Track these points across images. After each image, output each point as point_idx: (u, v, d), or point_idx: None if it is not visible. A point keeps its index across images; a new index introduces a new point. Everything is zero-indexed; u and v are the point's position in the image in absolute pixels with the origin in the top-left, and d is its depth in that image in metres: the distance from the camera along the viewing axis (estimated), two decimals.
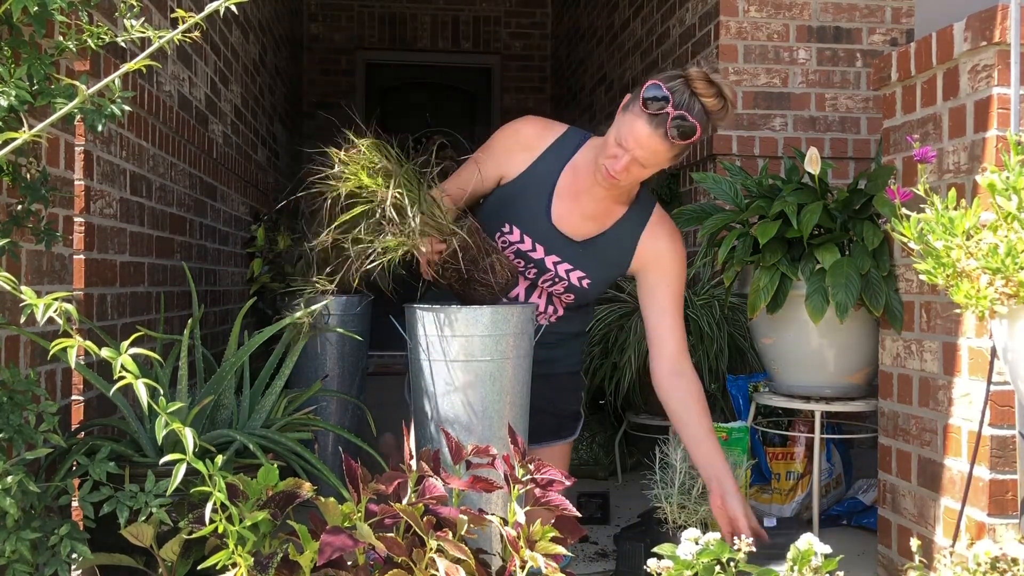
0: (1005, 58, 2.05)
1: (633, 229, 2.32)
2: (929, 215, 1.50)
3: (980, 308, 1.42)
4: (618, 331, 3.55)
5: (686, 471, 2.57)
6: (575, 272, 2.30)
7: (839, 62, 4.05)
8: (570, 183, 2.28)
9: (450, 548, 1.63)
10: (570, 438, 2.47)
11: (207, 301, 3.81)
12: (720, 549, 1.71)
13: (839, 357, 2.75)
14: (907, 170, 2.47)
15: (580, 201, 2.29)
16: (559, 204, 2.28)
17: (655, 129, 2.07)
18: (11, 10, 1.57)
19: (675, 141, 2.08)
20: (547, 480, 1.83)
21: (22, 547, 1.59)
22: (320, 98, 7.98)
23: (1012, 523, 2.06)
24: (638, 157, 2.11)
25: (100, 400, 2.49)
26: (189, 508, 1.82)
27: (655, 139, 2.08)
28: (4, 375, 1.67)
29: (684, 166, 4.36)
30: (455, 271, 2.13)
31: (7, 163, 1.70)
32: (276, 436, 2.11)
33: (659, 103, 2.05)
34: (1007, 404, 2.06)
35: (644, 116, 2.08)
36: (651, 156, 2.11)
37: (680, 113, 2.05)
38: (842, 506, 3.24)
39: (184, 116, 3.35)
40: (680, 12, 4.54)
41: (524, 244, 2.29)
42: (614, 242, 2.32)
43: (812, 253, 2.63)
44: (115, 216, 2.65)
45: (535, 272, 2.31)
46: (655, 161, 2.13)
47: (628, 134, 2.11)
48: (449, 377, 2.06)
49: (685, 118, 2.06)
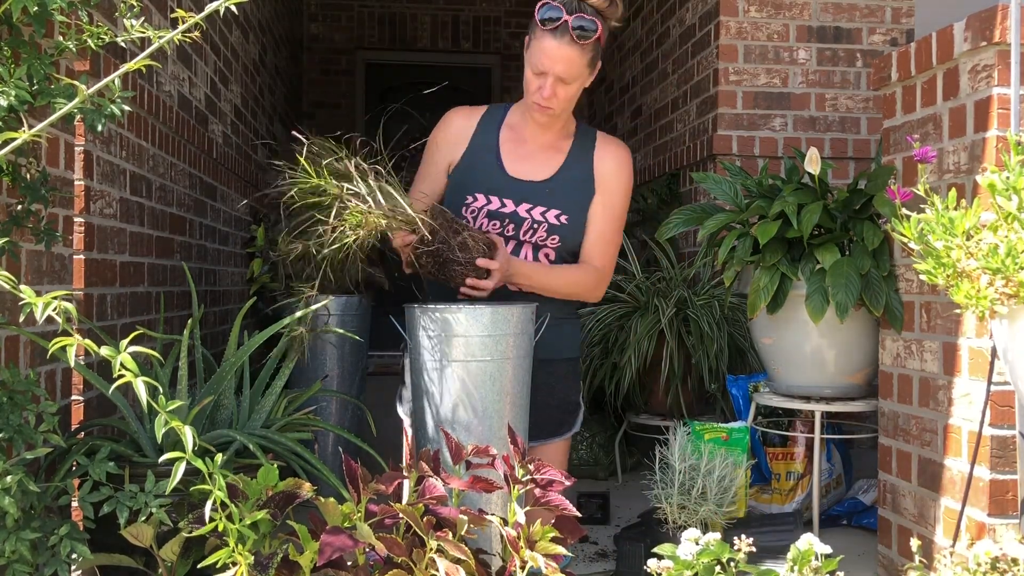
0: (1005, 58, 2.05)
1: (585, 154, 2.44)
2: (929, 215, 1.50)
3: (980, 308, 1.42)
4: (618, 331, 3.55)
5: (686, 471, 2.57)
6: (550, 212, 2.36)
7: (839, 62, 4.04)
8: (511, 136, 2.43)
9: (450, 548, 1.63)
10: (569, 433, 2.45)
11: (207, 301, 3.81)
12: (720, 549, 1.71)
13: (839, 357, 2.75)
14: (907, 170, 2.47)
15: (526, 146, 2.42)
16: (508, 156, 2.41)
17: (561, 39, 2.22)
18: (11, 10, 1.57)
19: (582, 43, 2.23)
20: (547, 480, 1.83)
21: (22, 547, 1.59)
22: (320, 98, 7.99)
23: (1012, 523, 2.06)
24: (558, 73, 2.24)
25: (100, 400, 2.49)
26: (189, 508, 1.82)
27: (564, 48, 2.22)
28: (4, 375, 1.67)
29: (684, 166, 4.36)
30: (430, 256, 2.15)
31: (7, 163, 1.70)
32: (276, 436, 2.11)
33: (554, 18, 2.22)
34: (1007, 404, 2.06)
35: (547, 35, 2.23)
36: (569, 67, 2.24)
37: (576, 16, 2.22)
38: (842, 506, 3.24)
39: (184, 116, 3.35)
40: (680, 12, 4.54)
41: (492, 204, 2.36)
42: (573, 171, 2.41)
43: (812, 253, 2.63)
44: (115, 216, 2.65)
45: (513, 227, 2.36)
46: (575, 72, 2.26)
47: (540, 57, 2.24)
48: (449, 377, 2.06)
49: (582, 18, 2.22)
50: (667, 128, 4.76)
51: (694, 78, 4.32)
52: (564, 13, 2.21)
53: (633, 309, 3.60)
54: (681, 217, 2.96)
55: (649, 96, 5.12)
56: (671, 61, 4.69)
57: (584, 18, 2.22)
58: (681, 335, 3.43)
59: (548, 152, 2.42)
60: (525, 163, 2.39)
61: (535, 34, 2.26)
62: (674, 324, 3.42)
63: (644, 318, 3.45)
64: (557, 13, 2.21)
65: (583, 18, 2.22)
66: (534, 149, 2.42)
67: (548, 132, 2.41)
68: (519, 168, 2.39)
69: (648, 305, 3.53)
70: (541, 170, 2.39)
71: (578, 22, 2.21)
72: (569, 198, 2.37)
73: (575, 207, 2.38)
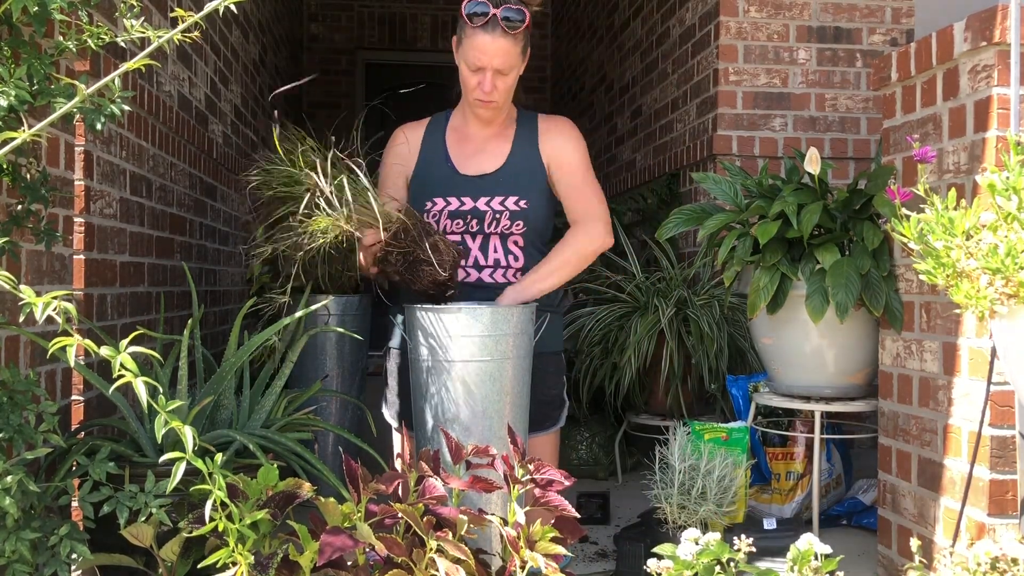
0: (1005, 58, 2.05)
1: (530, 136, 2.46)
2: (929, 215, 1.50)
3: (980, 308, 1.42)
4: (618, 331, 3.55)
5: (686, 471, 2.57)
6: (508, 199, 2.37)
7: (839, 62, 4.04)
8: (456, 137, 2.46)
9: (450, 548, 1.63)
10: (553, 428, 2.42)
11: (207, 301, 3.81)
12: (720, 549, 1.71)
13: (839, 357, 2.75)
14: (907, 170, 2.47)
15: (473, 142, 2.45)
16: (457, 156, 2.43)
17: (493, 33, 2.25)
18: (11, 10, 1.57)
19: (514, 32, 2.26)
20: (547, 480, 1.83)
21: (22, 547, 1.59)
22: (320, 98, 7.99)
23: (1012, 523, 2.06)
24: (496, 66, 2.28)
25: (100, 400, 2.49)
26: (189, 508, 1.82)
27: (498, 41, 2.25)
28: (4, 375, 1.67)
29: (684, 166, 4.36)
30: (400, 255, 2.17)
31: (7, 163, 1.70)
32: (276, 436, 2.11)
33: (483, 12, 2.25)
34: (1007, 404, 2.06)
35: (478, 31, 2.26)
36: (505, 58, 2.28)
37: (503, 7, 2.25)
38: (842, 506, 3.24)
39: (184, 116, 3.35)
40: (680, 12, 4.54)
41: (451, 204, 2.37)
42: (521, 155, 2.43)
43: (812, 253, 2.63)
44: (115, 216, 2.65)
45: (476, 222, 2.37)
46: (510, 62, 2.29)
47: (476, 53, 2.27)
48: (449, 377, 2.06)
49: (510, 9, 2.25)
50: (667, 128, 4.77)
51: (694, 78, 4.32)
52: (491, 7, 2.24)
53: (633, 309, 3.60)
54: (681, 217, 2.96)
55: (649, 96, 5.13)
56: (671, 61, 4.69)
57: (511, 8, 2.25)
58: (681, 335, 3.43)
59: (494, 143, 2.44)
60: (474, 159, 2.42)
61: (465, 32, 2.28)
62: (674, 324, 3.42)
63: (644, 318, 3.45)
64: (484, 8, 2.24)
65: (510, 8, 2.25)
66: (480, 144, 2.44)
67: (491, 125, 2.44)
68: (470, 164, 2.41)
69: (648, 305, 3.53)
70: (491, 161, 2.42)
71: (506, 13, 2.24)
72: (523, 182, 2.40)
73: (531, 190, 2.40)
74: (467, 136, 2.45)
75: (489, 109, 2.37)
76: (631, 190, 5.24)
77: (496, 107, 2.37)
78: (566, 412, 2.49)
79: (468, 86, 2.34)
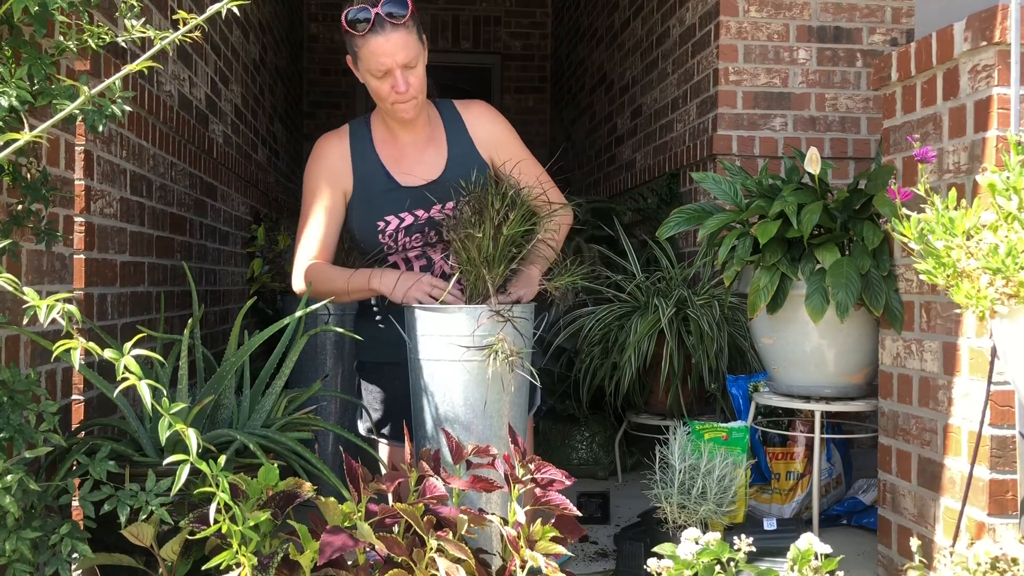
0: (1005, 58, 2.05)
1: (459, 129, 2.41)
2: (929, 215, 1.50)
3: (980, 308, 1.42)
4: (618, 331, 3.55)
5: (686, 471, 2.57)
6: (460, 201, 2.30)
7: (839, 62, 4.05)
8: (388, 151, 2.37)
9: (450, 548, 1.63)
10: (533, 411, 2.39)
11: (207, 301, 3.81)
12: (720, 549, 1.71)
13: (839, 357, 2.75)
14: (907, 170, 2.47)
15: (406, 152, 2.37)
16: (396, 169, 2.35)
17: (382, 32, 2.18)
18: (12, 10, 1.57)
19: (403, 22, 2.19)
20: (547, 480, 1.84)
21: (23, 546, 1.59)
22: (320, 98, 7.99)
23: (1012, 523, 2.06)
24: (400, 62, 2.20)
25: (100, 400, 2.49)
26: (190, 508, 1.82)
27: (392, 37, 2.18)
28: (4, 375, 1.67)
29: (684, 166, 4.36)
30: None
31: (8, 163, 1.71)
32: (276, 436, 2.11)
33: (365, 18, 2.18)
34: (1007, 404, 2.07)
35: (368, 35, 2.19)
36: (405, 51, 2.20)
37: (382, 4, 2.18)
38: (842, 506, 3.25)
39: (184, 116, 3.35)
40: (680, 12, 4.54)
41: (406, 220, 2.31)
42: (459, 152, 2.38)
43: (812, 253, 2.63)
44: (115, 216, 2.65)
45: (435, 233, 2.32)
46: (411, 53, 2.21)
47: (376, 58, 2.20)
48: (449, 376, 2.06)
49: (388, 3, 2.18)
50: (667, 128, 4.77)
51: (694, 78, 4.32)
52: (371, 8, 2.17)
53: (633, 309, 3.60)
54: (681, 217, 2.96)
55: (649, 96, 5.13)
56: (671, 61, 4.69)
57: (390, 2, 2.19)
58: (681, 335, 3.43)
59: (429, 148, 2.37)
60: (414, 169, 2.35)
61: (356, 44, 2.21)
62: (674, 324, 3.42)
63: (644, 318, 3.45)
64: (366, 13, 2.18)
65: (389, 3, 2.19)
66: (415, 152, 2.37)
67: (416, 127, 2.36)
68: (411, 176, 2.34)
69: (648, 305, 3.53)
70: (432, 168, 2.35)
71: (387, 8, 2.17)
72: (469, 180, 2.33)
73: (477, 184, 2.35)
74: (399, 146, 2.37)
75: (410, 107, 2.27)
76: (631, 190, 5.24)
77: (416, 102, 2.27)
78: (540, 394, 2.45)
79: (382, 95, 2.26)
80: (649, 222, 4.52)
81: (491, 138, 2.41)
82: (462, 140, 2.39)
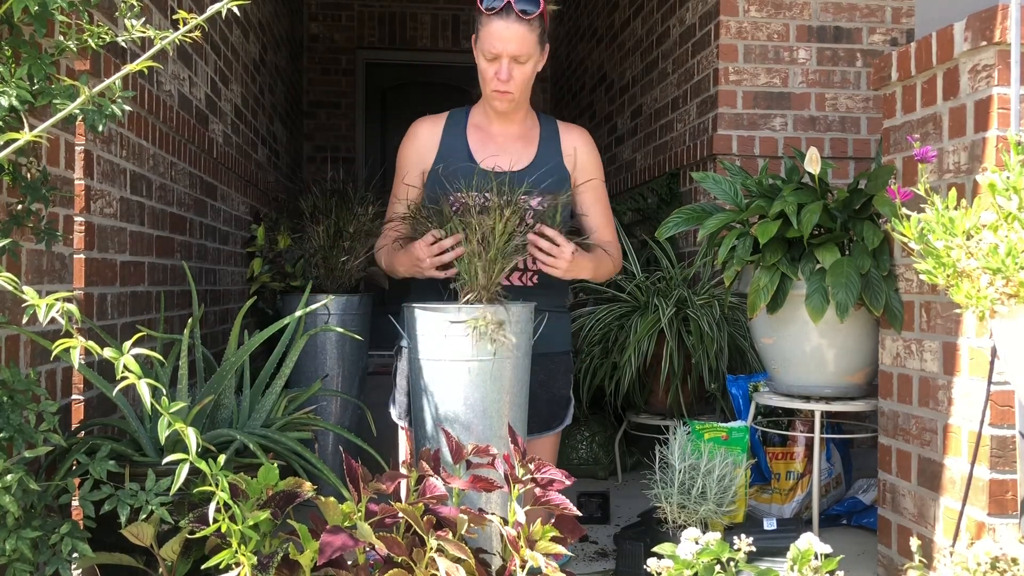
0: (1005, 58, 2.05)
1: (553, 139, 2.50)
2: (929, 215, 1.50)
3: (980, 308, 1.42)
4: (618, 331, 3.55)
5: (686, 471, 2.57)
6: (532, 200, 2.35)
7: (839, 62, 4.05)
8: (479, 135, 2.47)
9: (450, 548, 1.63)
10: (560, 427, 2.44)
11: (207, 301, 3.81)
12: (720, 549, 1.71)
13: (839, 357, 2.75)
14: (907, 170, 2.47)
15: (495, 139, 2.46)
16: (480, 153, 2.44)
17: (507, 19, 2.28)
18: (12, 10, 1.57)
19: (528, 19, 2.29)
20: (547, 480, 1.84)
21: (23, 546, 1.59)
22: (320, 97, 7.99)
23: (1012, 523, 2.06)
24: (512, 52, 2.30)
25: (100, 399, 2.49)
26: (189, 507, 1.82)
27: (513, 27, 2.28)
28: (4, 375, 1.67)
29: (684, 166, 4.36)
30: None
31: (7, 163, 1.70)
32: (276, 435, 2.11)
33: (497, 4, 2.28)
34: (1007, 404, 2.07)
35: (493, 19, 2.29)
36: (521, 45, 2.29)
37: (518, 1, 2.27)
38: (842, 506, 3.25)
39: (184, 115, 3.35)
40: (680, 12, 4.54)
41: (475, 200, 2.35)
42: (546, 157, 2.45)
43: (812, 253, 2.63)
44: (115, 215, 2.65)
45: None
46: (527, 49, 2.31)
47: (492, 41, 2.29)
48: (449, 376, 2.06)
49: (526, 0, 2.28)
50: (667, 128, 4.77)
51: (694, 78, 4.32)
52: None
53: (633, 309, 3.60)
54: (681, 216, 2.96)
55: (649, 96, 5.13)
56: (671, 61, 4.69)
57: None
58: (681, 335, 3.43)
59: (519, 143, 2.46)
60: (499, 155, 2.43)
61: (481, 23, 2.31)
62: (674, 324, 3.42)
63: (644, 318, 3.45)
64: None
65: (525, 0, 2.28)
66: (504, 142, 2.45)
67: (513, 123, 2.46)
68: (492, 160, 2.41)
69: (648, 305, 3.54)
70: (517, 161, 2.43)
71: (521, 6, 2.27)
72: (550, 186, 2.40)
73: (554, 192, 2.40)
74: (490, 134, 2.46)
75: (505, 100, 2.37)
76: (631, 190, 5.24)
77: (512, 99, 2.37)
78: (572, 410, 2.51)
79: (485, 78, 2.36)
80: (649, 222, 4.52)
81: (583, 161, 2.49)
82: (552, 149, 2.48)
